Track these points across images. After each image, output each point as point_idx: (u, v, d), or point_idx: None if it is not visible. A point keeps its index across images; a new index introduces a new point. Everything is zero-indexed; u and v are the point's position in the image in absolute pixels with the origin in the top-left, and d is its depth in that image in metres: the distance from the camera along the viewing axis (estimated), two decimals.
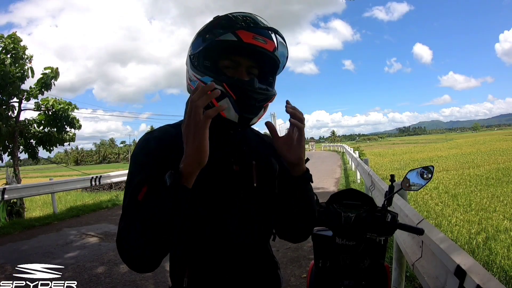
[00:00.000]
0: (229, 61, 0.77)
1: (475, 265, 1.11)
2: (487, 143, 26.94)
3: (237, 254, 0.80)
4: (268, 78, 0.83)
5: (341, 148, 28.22)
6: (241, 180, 0.81)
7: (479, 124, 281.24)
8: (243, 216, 0.80)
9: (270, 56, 0.77)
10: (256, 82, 0.75)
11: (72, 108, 7.73)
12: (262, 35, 0.76)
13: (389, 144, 64.78)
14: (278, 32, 0.79)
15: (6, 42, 6.77)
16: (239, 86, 0.73)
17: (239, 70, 0.77)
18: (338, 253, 1.18)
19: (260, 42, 0.74)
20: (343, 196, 1.25)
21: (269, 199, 0.85)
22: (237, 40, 0.73)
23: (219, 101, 0.72)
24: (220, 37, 0.74)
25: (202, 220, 0.77)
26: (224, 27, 0.75)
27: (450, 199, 5.95)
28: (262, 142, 0.93)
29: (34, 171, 40.29)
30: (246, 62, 0.78)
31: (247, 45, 0.73)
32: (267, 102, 0.79)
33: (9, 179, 7.22)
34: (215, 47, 0.75)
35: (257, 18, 0.78)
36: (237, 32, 0.73)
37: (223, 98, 0.72)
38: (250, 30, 0.74)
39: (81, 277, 3.30)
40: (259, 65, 0.80)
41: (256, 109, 0.77)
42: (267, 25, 0.77)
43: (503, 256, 3.07)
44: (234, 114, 0.74)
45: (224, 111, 0.72)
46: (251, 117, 0.77)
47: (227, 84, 0.73)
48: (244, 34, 0.73)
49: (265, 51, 0.76)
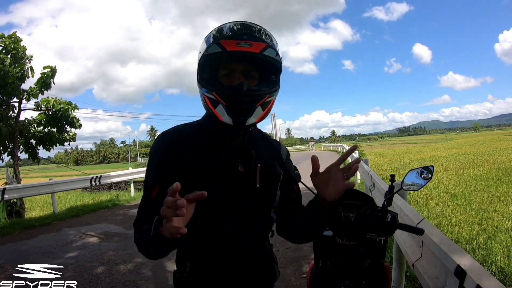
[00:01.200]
0: (224, 70, 0.83)
1: (475, 265, 1.11)
2: (487, 143, 26.93)
3: (238, 249, 0.86)
4: (269, 77, 0.86)
5: (341, 148, 28.26)
6: (245, 181, 0.86)
7: (479, 124, 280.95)
8: (245, 215, 0.86)
9: (258, 57, 0.80)
10: (245, 85, 0.79)
11: (72, 107, 7.73)
12: (247, 40, 0.79)
13: (389, 144, 64.80)
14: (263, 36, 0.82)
15: (6, 41, 6.76)
16: (226, 92, 0.79)
17: (235, 76, 0.82)
18: (338, 253, 1.18)
19: (243, 47, 0.78)
20: (343, 196, 1.25)
21: (270, 200, 0.92)
22: (221, 51, 0.78)
23: (215, 108, 0.81)
24: (208, 50, 0.80)
25: (206, 217, 0.83)
26: (211, 40, 0.81)
27: (450, 199, 5.95)
28: (269, 145, 0.97)
29: (34, 171, 40.31)
30: (239, 68, 0.82)
31: (231, 52, 0.78)
32: (260, 102, 0.82)
33: (9, 179, 7.22)
34: (206, 61, 0.82)
35: (244, 24, 0.83)
36: (221, 42, 0.78)
37: (217, 105, 0.80)
38: (233, 38, 0.79)
39: (81, 277, 3.30)
40: (255, 67, 0.84)
41: (248, 111, 0.81)
42: (254, 30, 0.82)
43: (502, 256, 3.07)
44: (228, 118, 0.80)
45: (220, 115, 0.81)
46: (245, 119, 0.81)
47: (216, 93, 0.80)
48: (227, 43, 0.78)
49: (250, 54, 0.79)
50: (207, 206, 0.81)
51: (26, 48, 7.05)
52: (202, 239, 0.85)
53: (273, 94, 0.85)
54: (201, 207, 0.82)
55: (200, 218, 0.82)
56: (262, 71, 0.85)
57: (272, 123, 35.50)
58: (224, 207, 0.84)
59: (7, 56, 6.69)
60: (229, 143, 0.87)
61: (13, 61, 6.76)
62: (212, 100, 0.81)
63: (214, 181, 0.83)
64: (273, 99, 0.85)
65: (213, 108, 0.81)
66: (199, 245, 0.85)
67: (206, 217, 0.83)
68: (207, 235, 0.84)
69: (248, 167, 0.87)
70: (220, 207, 0.83)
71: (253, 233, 0.88)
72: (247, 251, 0.88)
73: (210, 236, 0.84)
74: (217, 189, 0.83)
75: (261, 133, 0.99)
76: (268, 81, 0.86)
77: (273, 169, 0.93)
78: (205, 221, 0.83)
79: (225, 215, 0.84)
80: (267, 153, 0.94)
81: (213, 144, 0.86)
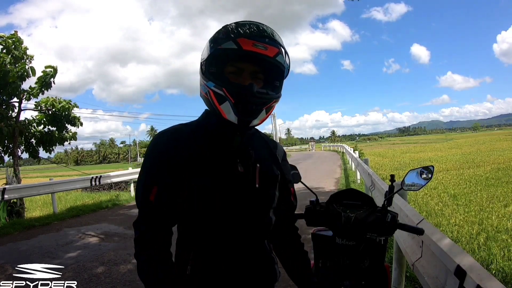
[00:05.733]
0: (233, 67, 0.82)
1: (475, 265, 1.11)
2: (487, 143, 26.93)
3: (238, 250, 0.86)
4: (273, 82, 0.87)
5: (341, 148, 28.26)
6: (244, 181, 0.86)
7: (479, 124, 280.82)
8: (245, 216, 0.86)
9: (271, 62, 0.81)
10: (255, 87, 0.79)
11: (72, 106, 7.72)
12: (263, 42, 0.79)
13: (389, 144, 64.76)
14: (276, 40, 0.82)
15: (6, 41, 6.76)
16: (237, 91, 0.79)
17: (242, 76, 0.82)
18: (338, 253, 1.18)
19: (259, 49, 0.78)
20: (343, 196, 1.25)
21: (269, 200, 0.92)
22: (237, 48, 0.77)
23: (221, 104, 0.80)
24: (222, 45, 0.79)
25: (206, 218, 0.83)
26: (227, 35, 0.80)
27: (450, 199, 5.95)
28: (266, 145, 0.98)
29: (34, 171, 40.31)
30: (249, 68, 0.82)
31: (247, 52, 0.77)
32: (267, 105, 0.83)
33: (9, 179, 7.21)
34: (218, 55, 0.81)
35: (260, 25, 0.82)
36: (238, 40, 0.78)
37: (224, 101, 0.79)
38: (251, 37, 0.78)
39: (81, 277, 3.29)
40: (263, 70, 0.84)
41: (255, 112, 0.81)
42: (269, 33, 0.81)
43: (502, 256, 3.07)
44: (233, 117, 0.80)
45: (225, 112, 0.80)
46: (250, 120, 0.81)
47: (226, 89, 0.79)
48: (244, 41, 0.77)
49: (265, 57, 0.79)
50: (207, 207, 0.82)
51: (27, 48, 7.06)
52: (202, 240, 0.84)
53: (278, 100, 0.86)
54: (201, 208, 0.82)
55: (200, 219, 0.83)
56: (269, 75, 0.86)
57: (272, 123, 35.59)
58: (224, 208, 0.83)
59: (7, 56, 6.69)
60: (228, 143, 0.87)
61: (13, 60, 6.76)
62: (219, 96, 0.80)
63: (214, 181, 0.82)
64: (276, 104, 0.86)
65: (218, 104, 0.80)
66: (199, 246, 0.85)
67: (206, 218, 0.83)
68: (207, 236, 0.84)
69: (247, 167, 0.87)
70: (220, 207, 0.83)
71: (253, 234, 0.88)
72: (247, 252, 0.88)
73: (210, 237, 0.84)
74: (217, 190, 0.82)
75: (259, 132, 1.00)
76: (272, 86, 0.86)
77: (271, 169, 0.93)
78: (205, 222, 0.83)
79: (225, 216, 0.84)
80: (265, 153, 0.95)
81: (213, 144, 0.86)
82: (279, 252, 1.04)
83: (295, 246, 1.04)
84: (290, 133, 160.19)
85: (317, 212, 1.19)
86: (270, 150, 0.98)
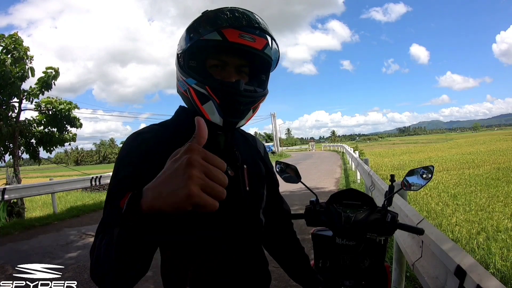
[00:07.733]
0: (215, 61, 0.73)
1: (475, 265, 1.11)
2: (487, 143, 26.92)
3: (235, 257, 0.80)
4: (259, 76, 0.79)
5: (341, 148, 28.27)
6: (235, 185, 0.79)
7: (479, 124, 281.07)
8: (237, 220, 0.79)
9: (259, 54, 0.73)
10: (242, 84, 0.71)
11: (73, 107, 7.73)
12: (250, 33, 0.71)
13: (389, 144, 64.77)
14: (266, 30, 0.73)
15: (7, 41, 6.76)
16: (222, 89, 0.70)
17: (226, 70, 0.73)
18: (338, 253, 1.18)
19: (246, 40, 0.70)
20: (343, 196, 1.25)
21: (259, 201, 0.86)
22: (221, 40, 0.68)
23: (203, 104, 0.71)
24: (204, 36, 0.69)
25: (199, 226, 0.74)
26: (210, 24, 0.70)
27: (450, 199, 5.95)
28: (246, 142, 0.92)
29: (34, 171, 40.30)
30: (234, 61, 0.74)
31: (232, 44, 0.69)
32: (255, 104, 0.75)
33: (9, 179, 7.21)
34: (200, 47, 0.72)
35: (246, 13, 0.73)
36: (222, 31, 0.68)
37: (207, 101, 0.70)
38: (237, 27, 0.69)
39: (81, 277, 3.30)
40: (249, 63, 0.76)
41: (242, 113, 0.73)
42: (257, 22, 0.72)
43: (500, 256, 3.07)
44: (218, 118, 0.71)
45: (208, 113, 0.71)
46: (237, 121, 0.74)
47: (210, 88, 0.70)
48: (230, 32, 0.69)
49: (252, 49, 0.71)
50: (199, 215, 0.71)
51: (28, 50, 7.05)
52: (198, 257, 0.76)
53: (265, 97, 0.79)
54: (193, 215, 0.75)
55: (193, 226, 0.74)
56: (255, 68, 0.78)
57: (272, 123, 35.52)
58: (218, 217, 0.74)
59: (7, 56, 6.69)
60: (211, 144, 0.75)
61: (14, 61, 6.76)
62: (201, 95, 0.71)
63: None
64: (263, 101, 0.79)
65: (200, 104, 0.71)
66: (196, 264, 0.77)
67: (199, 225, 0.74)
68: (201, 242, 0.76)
69: (236, 170, 0.80)
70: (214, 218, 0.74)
71: (248, 239, 0.83)
72: (242, 257, 0.82)
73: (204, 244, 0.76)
74: None
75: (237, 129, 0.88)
76: (259, 80, 0.79)
77: (259, 168, 0.88)
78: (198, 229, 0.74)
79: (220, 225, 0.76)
80: (248, 151, 0.88)
81: None
82: (276, 252, 1.02)
83: (292, 242, 1.03)
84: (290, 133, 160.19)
85: (317, 212, 1.19)
86: (252, 146, 0.92)
